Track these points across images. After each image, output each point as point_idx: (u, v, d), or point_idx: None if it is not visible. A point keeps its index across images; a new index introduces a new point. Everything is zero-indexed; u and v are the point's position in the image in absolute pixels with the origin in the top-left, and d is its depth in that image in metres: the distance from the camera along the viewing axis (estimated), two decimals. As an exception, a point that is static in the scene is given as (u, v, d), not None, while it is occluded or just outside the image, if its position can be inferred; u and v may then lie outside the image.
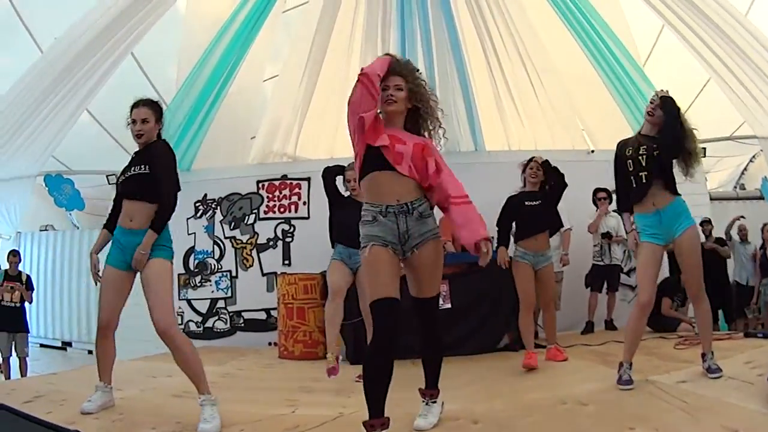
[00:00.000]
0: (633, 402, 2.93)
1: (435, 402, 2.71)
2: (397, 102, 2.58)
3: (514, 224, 4.58)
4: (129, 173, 3.00)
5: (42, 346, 9.40)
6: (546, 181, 4.57)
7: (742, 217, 7.34)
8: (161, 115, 3.11)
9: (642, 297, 3.27)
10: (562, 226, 5.18)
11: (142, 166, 2.96)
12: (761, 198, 8.58)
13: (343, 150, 7.63)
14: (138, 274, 2.96)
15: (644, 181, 3.25)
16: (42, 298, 9.40)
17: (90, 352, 8.74)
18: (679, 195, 3.30)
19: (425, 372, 2.72)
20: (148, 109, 3.03)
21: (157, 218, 2.89)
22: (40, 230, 9.89)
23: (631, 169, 3.29)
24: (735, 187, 10.15)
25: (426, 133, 2.73)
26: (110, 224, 3.09)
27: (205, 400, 2.75)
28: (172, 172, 2.99)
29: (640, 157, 3.27)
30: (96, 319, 3.04)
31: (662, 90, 3.46)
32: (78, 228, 10.02)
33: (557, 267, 5.92)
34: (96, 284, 3.09)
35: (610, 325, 6.36)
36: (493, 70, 7.09)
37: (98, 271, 3.10)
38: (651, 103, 3.41)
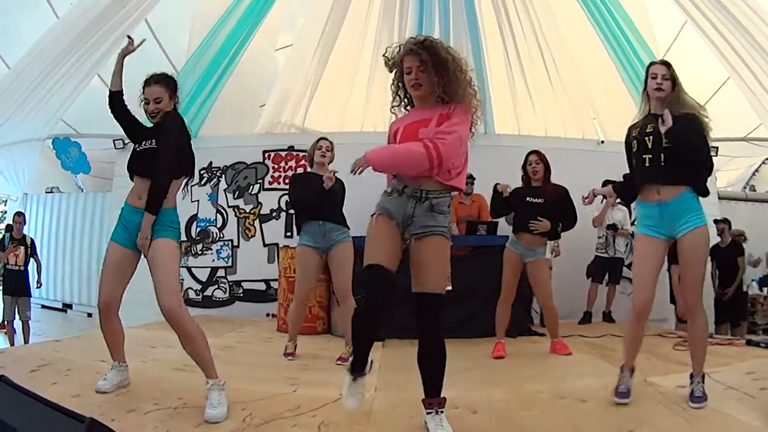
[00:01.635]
0: (632, 403, 2.90)
1: (443, 411, 2.45)
2: (422, 84, 2.48)
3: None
4: (139, 148, 2.90)
5: (43, 307, 9.46)
6: (548, 173, 4.49)
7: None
8: (175, 90, 2.97)
9: (638, 304, 2.91)
10: (558, 237, 5.08)
11: (153, 140, 2.84)
12: (772, 201, 8.54)
13: (352, 123, 7.63)
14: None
15: (647, 164, 2.87)
16: (45, 259, 9.47)
17: (89, 314, 8.85)
18: (690, 187, 2.85)
19: (425, 379, 2.47)
20: (161, 87, 2.90)
21: (148, 196, 2.75)
22: (46, 192, 9.89)
23: (634, 150, 2.93)
24: (744, 188, 10.09)
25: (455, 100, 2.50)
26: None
27: (213, 385, 2.66)
28: (172, 148, 2.82)
29: (646, 138, 2.88)
30: (96, 284, 3.01)
31: (658, 60, 3.12)
32: (83, 191, 9.98)
33: (547, 255, 5.97)
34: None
35: (608, 317, 6.45)
36: (509, 54, 7.04)
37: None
38: (654, 77, 2.95)
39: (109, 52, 6.14)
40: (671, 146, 2.79)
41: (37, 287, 6.81)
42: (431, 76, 2.45)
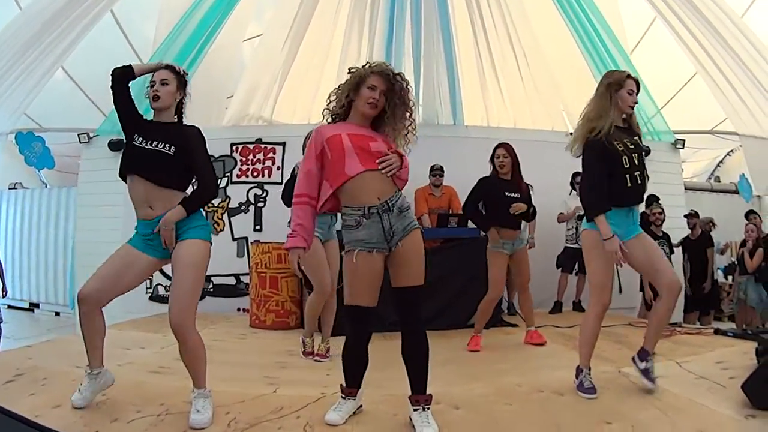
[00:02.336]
0: (608, 395, 2.99)
1: (429, 408, 2.48)
2: (377, 108, 2.58)
3: (483, 208, 4.57)
4: (150, 146, 2.57)
5: (9, 307, 9.11)
6: (517, 166, 4.54)
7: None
8: (185, 86, 2.77)
9: (605, 297, 3.04)
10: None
11: (167, 146, 2.57)
12: (735, 192, 8.81)
13: (319, 116, 7.51)
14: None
15: (639, 182, 2.97)
16: (9, 258, 9.16)
17: (57, 313, 8.64)
18: None
19: (410, 375, 2.52)
20: (170, 72, 2.70)
21: (195, 198, 2.61)
22: (9, 188, 9.57)
23: (626, 167, 2.91)
24: (709, 178, 10.39)
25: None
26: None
27: (199, 394, 2.57)
28: (210, 161, 2.73)
29: (633, 155, 2.94)
30: (63, 281, 2.87)
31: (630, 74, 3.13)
32: (47, 186, 9.69)
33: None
34: None
35: (578, 306, 6.58)
36: (480, 46, 7.06)
37: None
38: (631, 93, 3.02)
39: (73, 43, 5.94)
40: (642, 164, 2.99)
41: (3, 296, 6.38)
42: (387, 107, 2.57)
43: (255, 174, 7.14)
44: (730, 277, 8.75)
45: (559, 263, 6.65)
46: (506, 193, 4.43)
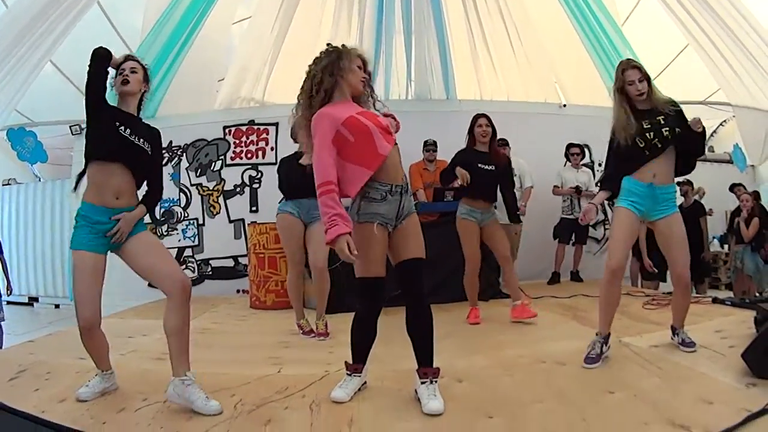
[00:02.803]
0: (610, 365, 3.02)
1: (437, 381, 2.51)
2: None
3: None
4: (135, 140, 2.63)
5: (8, 303, 9.11)
6: (494, 136, 4.50)
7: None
8: (148, 80, 2.84)
9: (612, 262, 3.10)
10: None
11: (147, 143, 2.68)
12: (729, 162, 8.81)
13: (314, 95, 7.47)
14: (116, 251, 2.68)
15: (649, 153, 3.09)
16: (7, 253, 9.06)
17: (57, 306, 8.62)
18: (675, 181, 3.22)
19: (417, 348, 2.55)
20: (137, 63, 2.78)
21: (152, 201, 2.79)
22: (3, 185, 9.51)
23: (642, 145, 3.07)
24: (703, 148, 10.38)
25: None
26: None
27: (192, 380, 2.53)
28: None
29: (647, 133, 3.06)
30: (62, 274, 2.90)
31: (628, 63, 3.22)
32: (40, 180, 9.61)
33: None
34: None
35: (575, 276, 6.64)
36: (471, 20, 6.97)
37: None
38: (631, 83, 3.12)
39: (61, 36, 5.85)
40: (670, 135, 3.06)
41: (8, 294, 6.34)
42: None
43: (249, 156, 7.13)
44: (726, 246, 8.80)
45: (556, 234, 6.67)
46: (479, 165, 4.36)
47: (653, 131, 3.07)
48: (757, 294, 6.22)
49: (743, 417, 2.13)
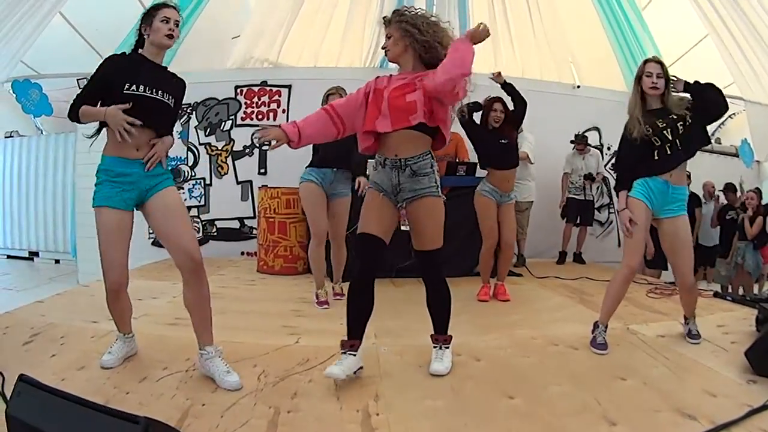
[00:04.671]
0: (619, 352, 3.10)
1: (448, 347, 2.78)
2: (390, 49, 2.69)
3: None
4: (153, 94, 2.50)
5: (8, 257, 9.16)
6: (506, 121, 4.52)
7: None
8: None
9: (632, 261, 3.15)
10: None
11: (169, 96, 2.56)
12: (735, 155, 8.83)
13: (328, 59, 7.42)
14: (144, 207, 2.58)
15: (668, 153, 3.07)
16: (8, 207, 9.11)
17: (57, 261, 8.63)
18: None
19: (433, 318, 2.79)
20: (178, 14, 2.60)
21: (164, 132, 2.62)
22: (5, 137, 9.34)
23: (658, 144, 3.07)
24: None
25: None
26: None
27: (216, 353, 2.56)
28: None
29: (665, 132, 3.06)
30: (63, 227, 2.81)
31: (652, 57, 3.26)
32: (43, 133, 9.41)
33: (527, 197, 6.20)
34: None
35: (578, 258, 6.74)
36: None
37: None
38: (649, 75, 3.13)
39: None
40: (685, 133, 3.05)
41: None
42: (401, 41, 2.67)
43: (260, 117, 7.05)
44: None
45: (563, 214, 6.74)
46: (501, 141, 4.47)
47: (669, 128, 3.07)
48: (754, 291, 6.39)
49: (745, 411, 2.25)
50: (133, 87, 2.47)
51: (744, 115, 7.89)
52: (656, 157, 3.10)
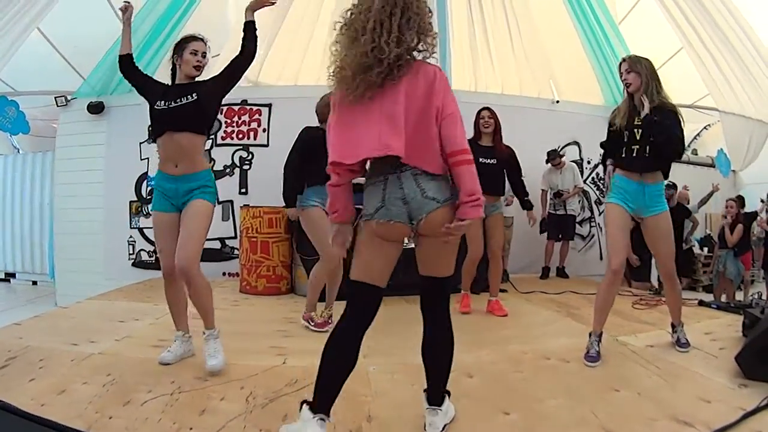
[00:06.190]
0: (611, 363, 3.11)
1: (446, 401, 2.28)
2: None
3: None
4: (173, 104, 2.89)
5: None
6: (498, 131, 4.56)
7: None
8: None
9: (614, 263, 3.16)
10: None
11: (187, 96, 2.90)
12: (712, 166, 9.01)
13: (308, 77, 7.39)
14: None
15: (634, 155, 3.23)
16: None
17: (35, 282, 8.41)
18: (663, 177, 3.32)
19: (427, 376, 2.24)
20: (205, 45, 3.03)
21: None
22: None
23: (625, 140, 3.26)
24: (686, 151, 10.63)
25: None
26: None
27: (209, 335, 2.99)
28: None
29: (635, 130, 3.23)
30: (40, 250, 2.88)
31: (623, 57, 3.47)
32: (20, 152, 9.28)
33: (508, 212, 6.12)
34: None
35: (561, 273, 6.76)
36: (473, 10, 6.92)
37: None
38: (620, 74, 3.39)
39: (49, 4, 5.58)
40: (655, 140, 3.17)
41: None
42: None
43: (240, 136, 7.01)
44: (705, 248, 9.05)
45: (543, 229, 6.75)
46: (480, 159, 4.32)
47: (642, 129, 3.21)
48: (734, 297, 6.46)
49: (740, 415, 2.28)
50: (160, 102, 2.93)
51: (719, 126, 8.08)
52: (624, 153, 3.27)
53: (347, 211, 2.14)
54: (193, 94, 2.91)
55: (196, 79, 3.03)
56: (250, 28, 3.11)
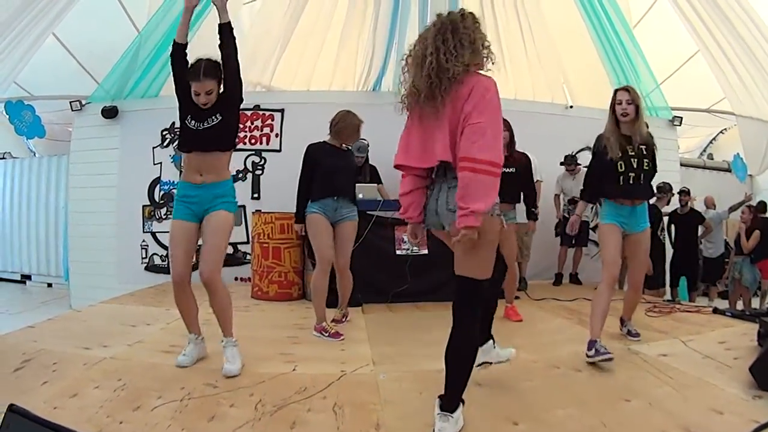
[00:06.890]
0: (622, 372, 3.07)
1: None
2: None
3: None
4: (201, 127, 3.00)
5: (0, 280, 9.09)
6: (513, 142, 4.57)
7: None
8: (221, 75, 3.04)
9: (609, 274, 3.50)
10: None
11: (218, 115, 3.00)
12: (728, 171, 8.89)
13: (320, 83, 7.43)
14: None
15: (631, 182, 3.48)
16: (0, 229, 9.05)
17: (50, 285, 8.53)
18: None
19: (446, 379, 2.23)
20: (212, 80, 2.98)
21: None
22: None
23: (621, 170, 3.46)
24: (701, 155, 10.50)
25: None
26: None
27: (227, 342, 3.07)
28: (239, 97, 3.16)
29: (632, 160, 3.46)
30: (55, 251, 2.92)
31: (621, 86, 3.64)
32: (35, 155, 9.40)
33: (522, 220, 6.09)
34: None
35: (574, 279, 6.70)
36: (486, 15, 6.89)
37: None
38: (619, 103, 3.51)
39: (65, 9, 5.67)
40: (648, 168, 3.52)
41: None
42: None
43: (253, 141, 7.05)
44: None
45: (557, 235, 6.73)
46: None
47: (637, 158, 3.47)
48: (751, 304, 6.36)
49: (753, 428, 2.23)
50: (192, 121, 3.04)
51: (735, 130, 7.98)
52: (620, 182, 3.49)
53: (415, 212, 2.41)
54: (217, 115, 3.01)
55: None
56: (226, 31, 3.09)
